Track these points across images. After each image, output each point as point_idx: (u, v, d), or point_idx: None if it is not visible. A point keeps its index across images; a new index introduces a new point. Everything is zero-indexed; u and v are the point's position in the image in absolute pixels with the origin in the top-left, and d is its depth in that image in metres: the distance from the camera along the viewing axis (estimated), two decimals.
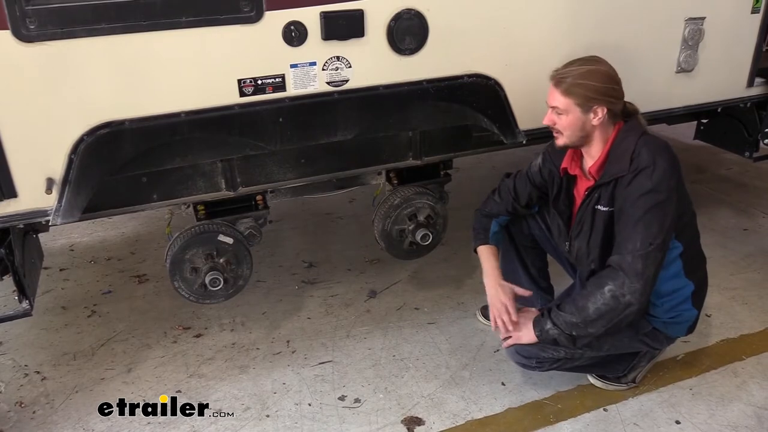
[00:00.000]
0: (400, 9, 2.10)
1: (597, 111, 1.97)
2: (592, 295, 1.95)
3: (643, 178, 1.90)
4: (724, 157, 4.54)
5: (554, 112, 2.02)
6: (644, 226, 1.89)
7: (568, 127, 2.01)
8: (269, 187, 2.47)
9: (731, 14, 2.74)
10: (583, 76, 1.95)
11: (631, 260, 1.89)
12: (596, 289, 1.95)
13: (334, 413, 2.26)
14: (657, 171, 1.89)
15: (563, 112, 1.99)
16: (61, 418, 2.26)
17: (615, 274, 1.91)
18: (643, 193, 1.90)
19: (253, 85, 2.03)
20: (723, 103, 2.99)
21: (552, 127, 2.05)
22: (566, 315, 1.99)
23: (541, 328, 2.05)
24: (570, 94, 1.96)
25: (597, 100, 1.96)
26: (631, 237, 1.91)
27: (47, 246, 3.37)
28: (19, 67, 1.74)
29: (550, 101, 2.02)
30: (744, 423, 2.17)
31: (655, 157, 1.91)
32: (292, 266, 3.34)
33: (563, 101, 1.98)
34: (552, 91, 2.01)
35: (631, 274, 1.89)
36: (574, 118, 1.99)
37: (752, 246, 3.42)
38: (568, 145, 2.06)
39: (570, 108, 1.98)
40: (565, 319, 1.99)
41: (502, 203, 2.40)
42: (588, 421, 2.20)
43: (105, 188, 2.05)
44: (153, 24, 1.83)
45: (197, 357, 2.59)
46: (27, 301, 2.12)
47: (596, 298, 1.93)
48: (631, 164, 1.94)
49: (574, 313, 1.98)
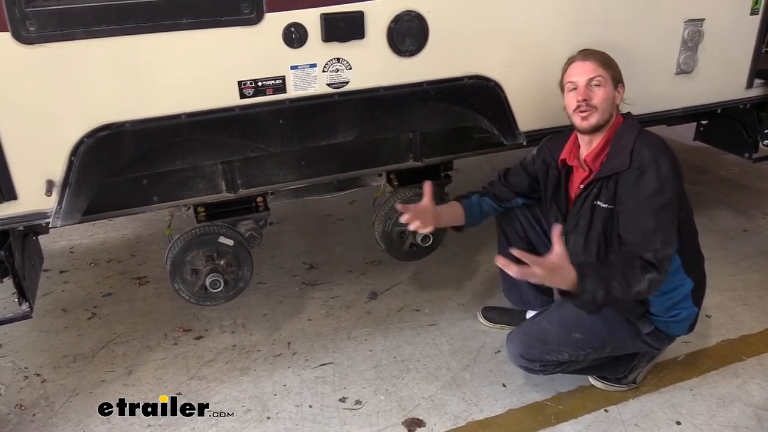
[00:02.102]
0: (400, 10, 2.10)
1: (619, 89, 2.05)
2: (640, 279, 1.87)
3: (651, 178, 1.91)
4: (724, 158, 4.55)
5: (589, 86, 2.00)
6: (662, 225, 1.91)
7: (604, 100, 2.00)
8: (270, 188, 2.47)
9: (731, 16, 2.75)
10: (606, 54, 2.04)
11: (662, 258, 1.90)
12: (642, 273, 1.87)
13: (335, 415, 2.26)
14: (662, 170, 1.91)
15: (602, 83, 1.99)
16: (61, 421, 2.26)
17: (656, 266, 1.89)
18: (654, 193, 1.90)
19: (254, 86, 2.03)
20: (722, 105, 2.99)
21: (587, 102, 2.00)
22: (615, 285, 1.85)
23: (588, 289, 1.83)
24: (606, 66, 2.00)
25: (620, 77, 2.05)
26: (652, 234, 1.90)
27: (47, 248, 3.36)
28: (19, 69, 1.74)
29: (585, 74, 1.99)
30: (744, 424, 2.17)
31: (657, 156, 1.92)
32: (292, 268, 3.33)
33: (603, 71, 1.99)
34: (583, 65, 2.01)
35: (664, 272, 1.91)
36: (610, 90, 2.01)
37: (752, 247, 3.42)
38: (600, 124, 2.02)
39: (607, 80, 2.00)
40: (612, 288, 1.85)
41: (489, 187, 2.44)
42: (589, 422, 2.20)
43: (105, 190, 2.05)
44: (153, 25, 1.83)
45: (198, 359, 2.59)
46: (27, 304, 2.11)
47: (641, 282, 1.87)
48: (631, 161, 1.95)
49: (622, 286, 1.86)
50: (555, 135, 2.29)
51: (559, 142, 2.23)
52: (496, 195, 2.43)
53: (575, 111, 2.03)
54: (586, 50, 2.06)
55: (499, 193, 2.42)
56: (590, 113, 2.01)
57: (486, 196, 2.43)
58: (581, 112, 2.01)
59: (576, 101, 2.01)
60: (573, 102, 2.03)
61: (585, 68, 2.01)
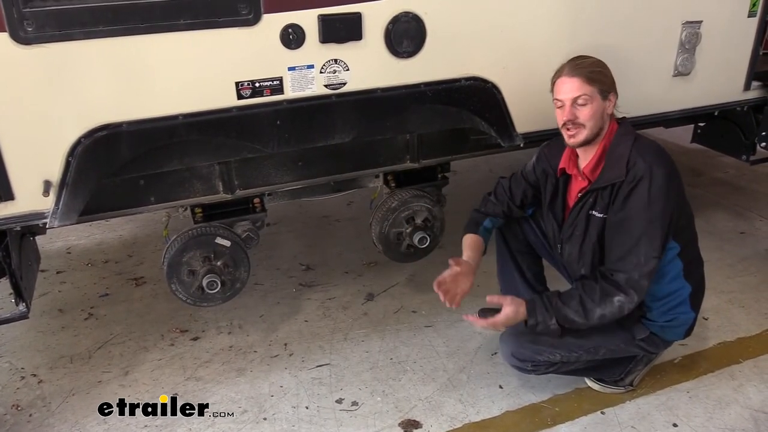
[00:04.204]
0: (397, 12, 2.10)
1: (611, 98, 2.01)
2: (602, 303, 1.95)
3: (642, 190, 1.91)
4: (721, 160, 4.55)
5: (575, 105, 1.97)
6: (647, 240, 1.92)
7: (592, 116, 1.97)
8: (267, 189, 2.47)
9: (728, 18, 2.75)
10: (595, 64, 2.00)
11: (638, 278, 1.93)
12: (605, 297, 1.95)
13: (332, 416, 2.26)
14: (655, 182, 1.91)
15: (588, 101, 1.96)
16: (58, 421, 2.25)
17: (625, 289, 1.93)
18: (643, 207, 1.91)
19: (251, 87, 2.03)
20: (720, 107, 3.00)
21: (572, 122, 1.98)
22: (570, 312, 1.98)
23: (540, 320, 2.00)
24: (593, 81, 1.96)
25: (611, 87, 2.01)
26: (633, 251, 1.93)
27: (44, 248, 3.36)
28: (17, 69, 1.74)
29: (570, 93, 1.96)
30: (741, 426, 2.17)
31: (652, 167, 1.92)
32: (289, 269, 3.33)
33: (589, 88, 1.96)
34: (569, 82, 1.97)
35: (639, 291, 1.95)
36: (597, 105, 1.98)
37: (749, 249, 3.43)
38: (589, 140, 2.01)
39: (594, 95, 1.96)
40: (567, 314, 1.98)
41: (498, 203, 2.40)
42: (585, 424, 2.20)
43: (102, 190, 2.05)
44: (151, 26, 1.83)
45: (194, 360, 2.58)
46: (24, 304, 2.11)
47: (605, 306, 1.95)
48: (627, 172, 1.94)
49: (579, 312, 1.97)
50: (552, 141, 2.29)
51: (557, 149, 2.22)
52: (506, 213, 2.40)
53: (562, 128, 2.03)
54: (574, 62, 2.01)
55: (509, 210, 2.40)
56: (578, 131, 2.00)
57: (497, 215, 2.41)
58: (568, 131, 2.01)
59: (563, 120, 2.01)
60: (560, 119, 2.03)
61: (570, 86, 1.97)
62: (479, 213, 2.43)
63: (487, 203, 2.43)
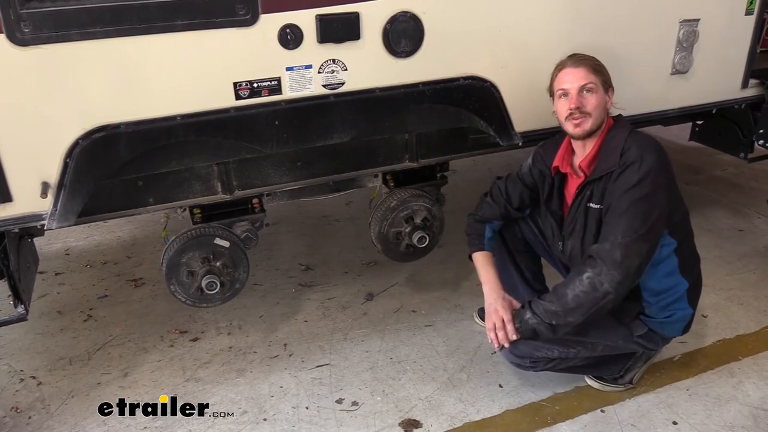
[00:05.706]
0: (395, 12, 2.10)
1: (610, 93, 2.05)
2: (571, 282, 1.95)
3: (630, 173, 1.92)
4: (719, 158, 4.56)
5: (582, 93, 1.99)
6: (628, 218, 1.91)
7: (597, 106, 2.00)
8: (265, 190, 2.47)
9: (726, 16, 2.76)
10: (595, 59, 2.04)
11: (609, 248, 1.90)
12: (575, 276, 1.96)
13: (332, 416, 2.26)
14: (644, 166, 1.91)
15: (593, 89, 1.99)
16: (57, 423, 2.25)
17: (593, 262, 1.92)
18: (629, 188, 1.91)
19: (249, 88, 2.03)
20: (718, 105, 3.00)
21: (579, 109, 1.99)
22: (546, 303, 1.99)
23: (521, 319, 2.06)
24: (597, 72, 2.00)
25: (610, 82, 2.05)
26: (613, 229, 1.93)
27: (42, 250, 3.36)
28: (14, 70, 1.73)
29: (577, 81, 1.98)
30: (740, 423, 2.18)
31: (642, 153, 1.93)
32: (288, 269, 3.33)
33: (594, 78, 1.99)
34: (575, 71, 1.99)
35: (609, 262, 1.89)
36: (601, 96, 2.01)
37: (747, 246, 3.43)
38: (593, 129, 2.02)
39: (598, 86, 2.00)
40: (544, 307, 1.99)
41: (495, 206, 2.40)
42: (585, 422, 2.20)
43: (101, 192, 2.05)
44: (148, 27, 1.82)
45: (194, 361, 2.58)
46: (22, 306, 2.11)
47: (575, 285, 1.94)
48: (620, 160, 1.96)
49: (553, 300, 1.98)
50: (547, 141, 2.29)
51: (551, 148, 2.22)
52: (503, 215, 2.41)
53: (568, 118, 2.02)
54: (575, 56, 2.05)
55: (506, 212, 2.40)
56: (584, 120, 2.00)
57: (494, 219, 2.41)
58: (574, 119, 2.01)
59: (568, 109, 2.01)
60: (565, 109, 2.02)
61: (576, 75, 1.99)
62: (477, 221, 2.43)
63: (484, 207, 2.43)
